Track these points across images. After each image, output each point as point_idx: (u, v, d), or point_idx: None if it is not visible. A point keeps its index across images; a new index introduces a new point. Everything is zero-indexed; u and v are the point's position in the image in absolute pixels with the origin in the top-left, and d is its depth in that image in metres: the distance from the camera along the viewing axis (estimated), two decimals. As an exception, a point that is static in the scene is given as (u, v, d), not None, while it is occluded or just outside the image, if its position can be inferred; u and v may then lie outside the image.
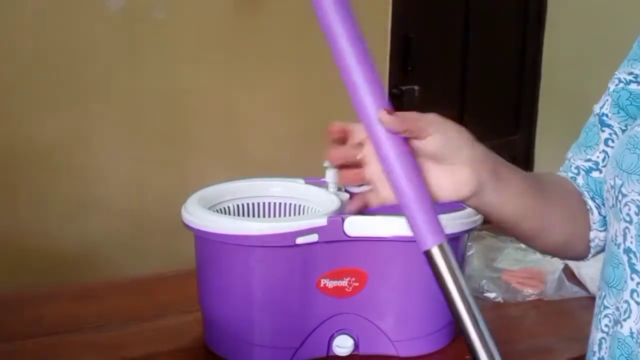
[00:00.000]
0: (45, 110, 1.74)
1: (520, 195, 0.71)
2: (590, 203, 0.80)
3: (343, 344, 1.02)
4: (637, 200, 0.68)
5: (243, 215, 1.13)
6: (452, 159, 0.65)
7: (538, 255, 1.42)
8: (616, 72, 0.81)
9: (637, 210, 0.68)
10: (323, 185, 1.13)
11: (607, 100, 0.80)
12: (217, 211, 1.09)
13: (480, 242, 1.45)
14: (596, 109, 0.81)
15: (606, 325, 0.73)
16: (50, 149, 1.76)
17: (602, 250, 0.81)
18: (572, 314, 1.24)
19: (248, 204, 1.14)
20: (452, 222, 1.02)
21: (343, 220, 0.98)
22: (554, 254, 0.90)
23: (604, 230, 0.79)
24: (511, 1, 2.83)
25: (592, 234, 0.80)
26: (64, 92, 1.76)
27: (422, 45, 2.45)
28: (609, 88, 0.80)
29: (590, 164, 0.80)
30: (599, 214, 0.79)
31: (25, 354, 1.05)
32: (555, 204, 0.77)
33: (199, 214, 1.00)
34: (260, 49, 1.99)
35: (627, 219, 0.69)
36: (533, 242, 0.80)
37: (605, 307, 0.73)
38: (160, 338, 1.10)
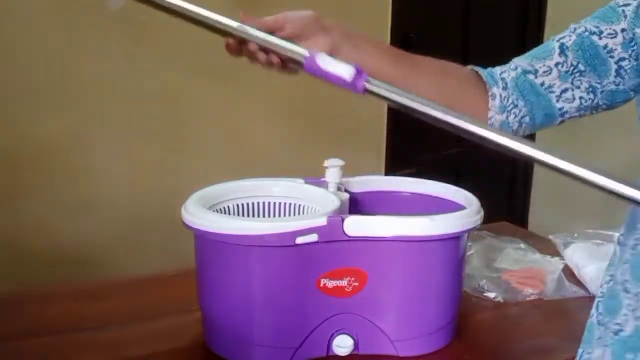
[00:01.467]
0: (45, 110, 1.74)
1: (376, 60, 0.88)
2: (497, 92, 0.93)
3: (343, 344, 1.02)
4: None
5: (243, 215, 1.13)
6: (309, 35, 0.84)
7: (538, 255, 1.42)
8: (583, 20, 0.92)
9: None
10: (323, 185, 1.13)
11: (570, 36, 0.92)
12: (217, 211, 1.09)
13: (480, 242, 1.45)
14: (556, 37, 0.94)
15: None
16: (50, 149, 1.76)
17: (499, 127, 0.96)
18: (572, 314, 1.24)
19: (248, 204, 1.14)
20: (452, 222, 1.02)
21: (343, 220, 0.97)
22: None
23: (503, 114, 0.94)
24: (511, 1, 2.83)
25: (490, 114, 0.94)
26: (63, 92, 1.76)
27: (422, 45, 2.45)
28: (575, 29, 0.91)
29: (531, 68, 0.93)
30: (501, 101, 0.93)
31: (25, 354, 1.05)
32: (424, 79, 0.93)
33: (199, 214, 1.00)
34: (260, 49, 1.99)
35: None
36: None
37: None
38: (160, 338, 1.10)
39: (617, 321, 0.81)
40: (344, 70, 0.78)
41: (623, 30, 0.87)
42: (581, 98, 0.90)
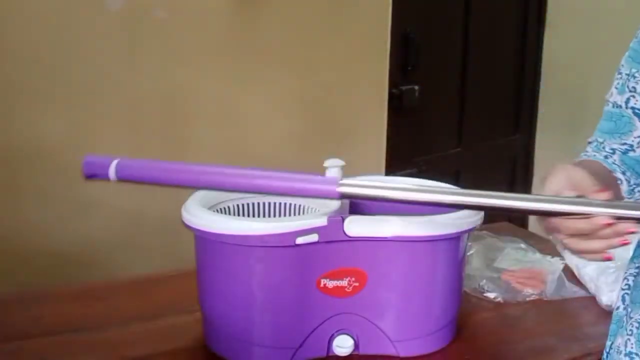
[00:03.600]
0: (45, 110, 1.74)
1: None
2: (621, 176, 0.94)
3: (343, 344, 1.02)
4: None
5: (243, 215, 1.13)
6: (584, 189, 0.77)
7: (538, 255, 1.43)
8: (622, 69, 0.91)
9: None
10: (323, 185, 1.13)
11: (635, 97, 0.92)
12: (217, 211, 1.09)
13: (480, 242, 1.45)
14: (620, 102, 0.94)
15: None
16: (50, 148, 1.76)
17: None
18: (572, 314, 1.24)
19: (248, 204, 1.14)
20: (452, 222, 1.02)
21: (343, 220, 0.98)
22: None
23: (630, 197, 0.95)
24: (511, 1, 2.83)
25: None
26: (63, 91, 1.76)
27: (422, 45, 2.45)
28: (634, 88, 0.91)
29: (626, 146, 0.95)
30: (628, 184, 0.94)
31: (25, 354, 1.05)
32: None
33: (199, 214, 1.00)
34: (260, 48, 1.99)
35: None
36: None
37: None
38: (160, 338, 1.10)
39: None
40: None
41: None
42: None
